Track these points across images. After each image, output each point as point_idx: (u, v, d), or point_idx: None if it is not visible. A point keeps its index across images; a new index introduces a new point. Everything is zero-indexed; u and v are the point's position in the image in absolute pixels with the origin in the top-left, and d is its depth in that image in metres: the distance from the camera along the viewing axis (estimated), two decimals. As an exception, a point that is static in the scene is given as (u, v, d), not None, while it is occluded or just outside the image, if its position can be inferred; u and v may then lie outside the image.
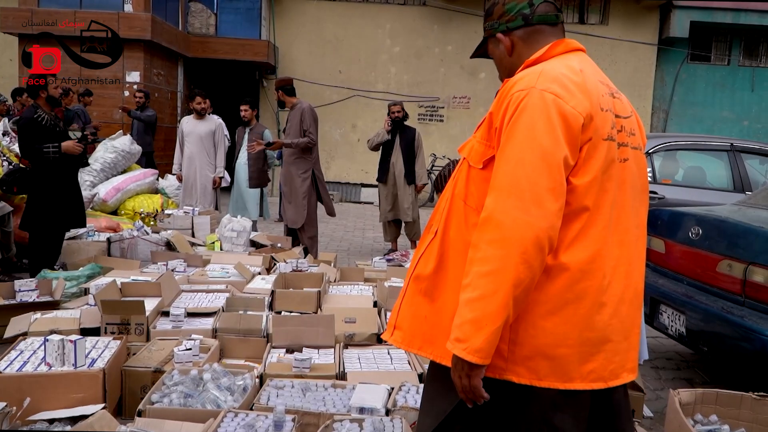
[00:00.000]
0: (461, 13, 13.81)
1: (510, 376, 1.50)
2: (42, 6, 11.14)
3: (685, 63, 14.31)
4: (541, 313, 1.47)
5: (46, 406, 2.72)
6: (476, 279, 1.42)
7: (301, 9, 14.11)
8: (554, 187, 1.41)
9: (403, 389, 2.95)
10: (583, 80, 1.51)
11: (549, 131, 1.42)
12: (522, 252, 1.38)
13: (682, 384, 3.93)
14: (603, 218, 1.49)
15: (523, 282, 1.40)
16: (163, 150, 11.29)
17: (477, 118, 14.01)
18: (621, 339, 1.54)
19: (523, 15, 1.64)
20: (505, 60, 1.70)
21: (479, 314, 1.40)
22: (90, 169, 7.24)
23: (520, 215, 1.39)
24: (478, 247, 1.44)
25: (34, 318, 3.73)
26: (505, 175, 1.43)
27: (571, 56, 1.60)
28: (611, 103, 1.56)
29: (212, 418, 2.57)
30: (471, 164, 1.58)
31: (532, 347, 1.48)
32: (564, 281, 1.47)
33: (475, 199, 1.55)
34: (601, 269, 1.49)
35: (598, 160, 1.48)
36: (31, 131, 4.99)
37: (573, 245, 1.47)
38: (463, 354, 1.41)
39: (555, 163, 1.42)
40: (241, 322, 3.73)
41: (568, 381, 1.49)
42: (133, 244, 5.83)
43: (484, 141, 1.56)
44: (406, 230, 7.58)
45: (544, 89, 1.46)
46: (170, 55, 12.35)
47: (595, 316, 1.49)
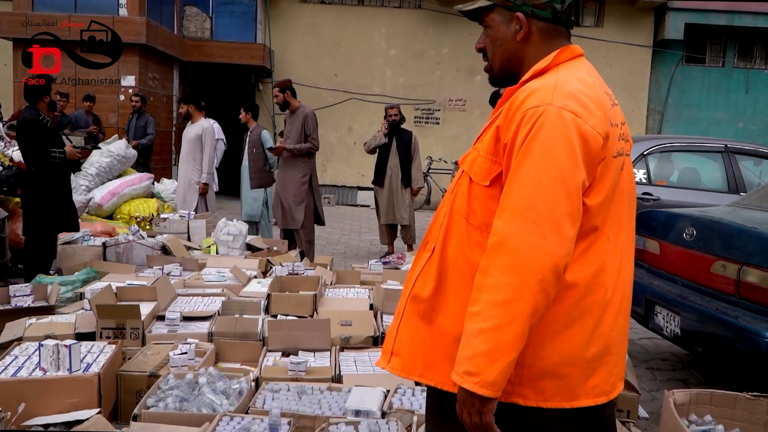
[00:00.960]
0: (457, 16, 13.83)
1: (516, 399, 1.43)
2: (36, 10, 11.14)
3: (680, 65, 14.36)
4: (549, 333, 1.41)
5: (42, 411, 2.71)
6: (488, 308, 1.33)
7: (296, 12, 14.12)
8: (572, 212, 1.35)
9: (399, 392, 2.96)
10: (597, 95, 1.43)
11: (569, 153, 1.34)
12: (540, 280, 1.31)
13: (677, 384, 3.94)
14: (606, 232, 1.45)
15: (539, 311, 1.33)
16: (158, 154, 11.28)
17: (473, 121, 14.06)
18: (619, 350, 1.52)
19: (554, 9, 1.50)
20: (510, 43, 1.54)
21: (493, 345, 1.31)
22: (85, 173, 7.24)
23: (538, 241, 1.31)
24: (488, 273, 1.35)
25: (29, 323, 3.72)
26: (521, 198, 1.34)
27: (578, 65, 1.51)
28: (615, 113, 1.49)
29: (208, 422, 2.57)
30: (474, 180, 1.48)
31: (540, 368, 1.42)
32: (571, 299, 1.41)
33: (478, 217, 1.46)
34: (604, 283, 1.45)
35: (609, 179, 1.43)
36: (38, 134, 5.03)
37: (578, 262, 1.41)
38: (476, 388, 1.32)
39: (574, 187, 1.35)
40: (237, 326, 3.73)
41: (574, 399, 1.44)
42: (129, 248, 5.82)
43: (490, 156, 1.46)
44: (402, 233, 7.59)
45: (561, 107, 1.37)
46: (165, 59, 12.35)
47: (598, 330, 1.45)
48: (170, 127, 12.61)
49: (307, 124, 6.19)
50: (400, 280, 5.28)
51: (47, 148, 5.01)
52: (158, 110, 11.87)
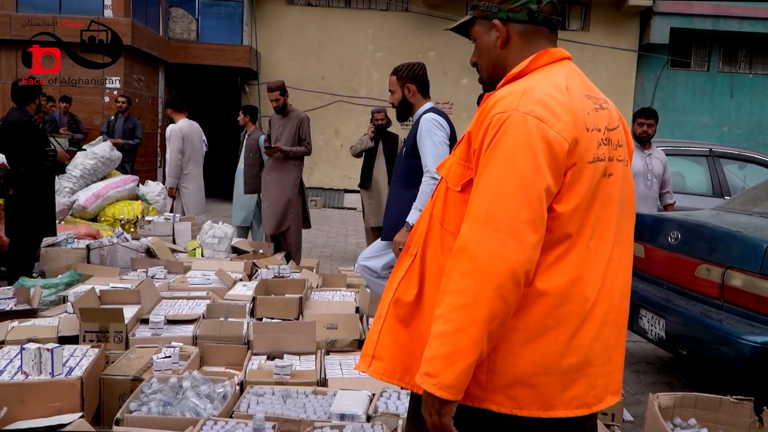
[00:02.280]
0: (443, 18, 13.88)
1: (489, 405, 1.42)
2: (21, 11, 11.03)
3: (665, 69, 14.50)
4: (520, 341, 1.40)
5: (24, 415, 2.67)
6: (449, 311, 1.34)
7: (283, 14, 14.09)
8: (534, 219, 1.33)
9: (384, 395, 2.95)
10: (569, 100, 1.41)
11: (530, 159, 1.33)
12: (498, 286, 1.31)
13: (661, 388, 3.96)
14: (584, 240, 1.42)
15: (498, 317, 1.32)
16: (143, 156, 11.20)
17: (460, 124, 13.98)
18: (603, 362, 1.47)
19: (529, 10, 1.50)
20: (492, 51, 1.55)
21: (451, 348, 1.32)
22: (69, 175, 7.17)
23: (496, 247, 1.31)
24: (451, 277, 1.36)
25: (11, 326, 3.67)
26: (482, 204, 1.34)
27: (556, 69, 1.48)
28: (597, 118, 1.46)
29: (191, 426, 2.54)
30: (448, 185, 1.49)
31: (511, 376, 1.40)
32: (543, 307, 1.39)
33: (452, 222, 1.47)
34: (582, 293, 1.42)
35: (584, 185, 1.40)
36: (32, 135, 5.01)
37: (550, 270, 1.39)
38: (434, 390, 1.34)
39: (536, 194, 1.33)
40: (222, 329, 3.70)
41: (550, 409, 1.41)
42: (113, 251, 5.76)
43: (463, 162, 1.47)
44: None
45: (527, 112, 1.36)
46: (151, 60, 12.27)
47: (576, 341, 1.42)
48: (155, 128, 12.53)
49: (303, 128, 6.17)
50: (386, 283, 5.27)
51: (41, 149, 4.99)
52: (143, 112, 11.79)
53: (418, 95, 3.74)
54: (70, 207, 6.67)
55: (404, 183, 3.71)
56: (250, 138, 7.01)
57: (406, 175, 3.69)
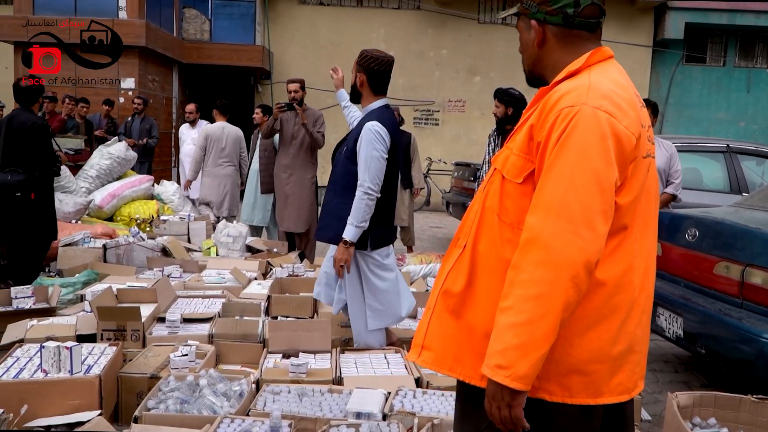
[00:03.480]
0: (455, 16, 13.84)
1: (542, 395, 1.45)
2: (37, 13, 11.13)
3: (681, 65, 14.37)
4: (578, 329, 1.44)
5: (43, 412, 2.71)
6: (521, 302, 1.36)
7: (295, 14, 14.12)
8: (605, 209, 1.38)
9: (400, 394, 2.94)
10: (630, 96, 1.47)
11: (603, 152, 1.38)
12: (573, 276, 1.34)
13: (680, 387, 3.92)
14: (635, 232, 1.48)
15: (571, 306, 1.37)
16: (158, 156, 11.26)
17: (472, 122, 14.06)
18: (642, 348, 1.54)
19: (565, 14, 1.53)
20: (530, 48, 1.60)
21: (525, 339, 1.34)
22: (86, 175, 7.22)
23: (571, 238, 1.35)
24: (521, 268, 1.38)
25: (31, 325, 3.71)
26: (555, 196, 1.37)
27: (609, 67, 1.54)
28: (644, 115, 1.52)
29: (209, 424, 2.56)
30: (507, 177, 1.51)
31: (568, 364, 1.44)
32: (600, 297, 1.44)
33: (510, 214, 1.49)
34: (632, 282, 1.47)
35: (639, 179, 1.46)
36: (47, 137, 5.08)
37: (608, 260, 1.44)
38: (507, 381, 1.35)
39: (607, 186, 1.38)
40: (238, 328, 3.72)
41: (599, 396, 1.46)
42: (129, 250, 5.81)
43: (523, 154, 1.49)
44: (401, 235, 7.56)
45: (596, 107, 1.40)
46: (165, 61, 12.35)
47: (624, 328, 1.47)
48: (169, 129, 12.60)
49: (319, 123, 6.22)
50: (400, 282, 5.27)
51: (53, 152, 5.04)
52: (158, 112, 11.87)
53: (366, 88, 3.56)
54: (86, 207, 6.71)
55: (339, 185, 3.54)
56: (265, 139, 6.99)
57: (342, 176, 3.51)
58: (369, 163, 3.34)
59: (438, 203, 12.45)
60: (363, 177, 3.34)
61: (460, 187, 9.12)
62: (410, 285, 5.26)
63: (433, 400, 2.92)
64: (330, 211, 3.54)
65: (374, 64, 3.53)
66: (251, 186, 7.04)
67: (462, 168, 9.25)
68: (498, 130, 5.36)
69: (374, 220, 3.42)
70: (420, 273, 5.95)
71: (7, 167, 4.92)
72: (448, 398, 2.95)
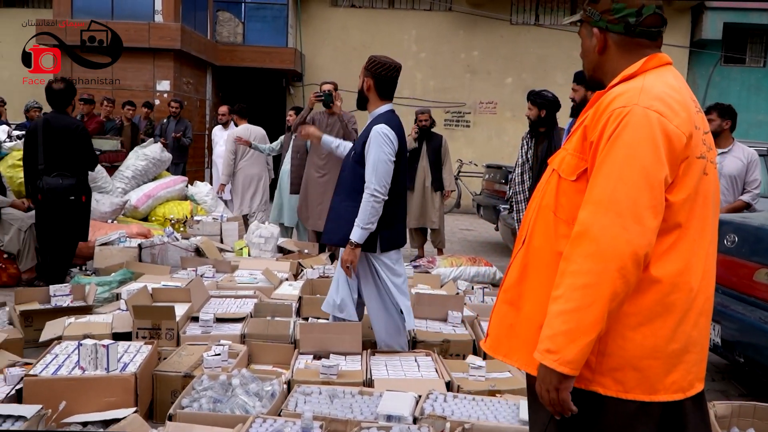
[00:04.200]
0: (487, 18, 13.77)
1: (596, 388, 1.51)
2: (75, 17, 11.38)
3: (719, 65, 14.06)
4: (631, 324, 1.49)
5: (80, 409, 2.77)
6: (570, 291, 1.43)
7: (327, 16, 14.21)
8: (654, 205, 1.43)
9: (431, 397, 2.94)
10: (683, 99, 1.52)
11: (652, 149, 1.43)
12: (620, 267, 1.40)
13: (717, 396, 3.83)
14: (692, 233, 1.52)
15: (618, 296, 1.42)
16: (192, 157, 11.43)
17: (504, 123, 13.97)
18: (698, 350, 1.56)
19: (627, 23, 1.59)
20: (591, 54, 1.67)
21: (573, 326, 1.42)
22: (122, 176, 7.37)
23: (619, 231, 1.41)
24: (571, 259, 1.45)
25: (68, 322, 3.81)
26: (604, 191, 1.44)
27: (665, 72, 1.59)
28: (699, 118, 1.57)
29: (241, 423, 2.59)
30: (562, 176, 1.59)
31: (620, 358, 1.49)
32: (655, 294, 1.48)
33: (565, 210, 1.57)
34: (689, 282, 1.51)
35: (693, 178, 1.50)
36: (90, 139, 5.20)
37: (663, 258, 1.48)
38: (554, 365, 1.43)
39: (656, 182, 1.43)
40: (269, 328, 3.76)
41: (653, 393, 1.50)
42: (164, 250, 5.92)
43: (577, 153, 1.57)
44: (431, 237, 7.56)
45: (647, 107, 1.46)
46: (199, 63, 12.53)
47: (680, 328, 1.51)
48: (203, 130, 12.78)
49: (349, 127, 6.20)
50: (430, 284, 5.26)
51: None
52: (192, 114, 12.04)
53: (374, 93, 3.59)
54: (122, 207, 6.86)
55: (347, 188, 3.54)
56: (298, 139, 7.04)
57: (350, 181, 3.52)
58: (377, 165, 3.37)
59: (468, 205, 12.40)
60: (370, 179, 3.37)
61: (491, 190, 9.06)
62: (440, 287, 5.25)
63: (464, 404, 2.90)
64: (338, 214, 3.56)
65: (382, 70, 3.57)
66: (281, 187, 7.12)
67: (493, 170, 9.19)
68: (531, 132, 5.32)
69: (382, 223, 3.44)
70: (450, 276, 5.94)
71: (53, 171, 4.97)
72: (479, 402, 2.93)
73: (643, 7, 1.58)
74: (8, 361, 3.23)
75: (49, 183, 4.95)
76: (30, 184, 5.20)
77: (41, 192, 4.96)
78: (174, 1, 11.31)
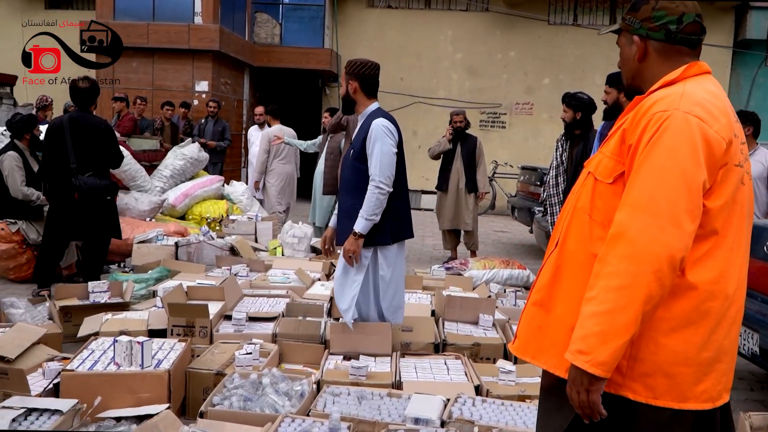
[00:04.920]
0: (524, 18, 13.64)
1: (626, 393, 1.50)
2: (117, 19, 11.66)
3: (763, 66, 13.65)
4: (664, 330, 1.48)
5: (114, 404, 2.84)
6: (604, 293, 1.43)
7: (363, 17, 14.26)
8: (692, 209, 1.43)
9: (459, 401, 2.93)
10: (723, 105, 1.53)
11: (691, 154, 1.44)
12: (656, 270, 1.40)
13: (754, 406, 3.73)
14: (728, 241, 1.51)
15: (653, 299, 1.41)
16: (229, 157, 11.60)
17: (540, 124, 13.82)
18: (729, 359, 1.56)
19: (668, 30, 1.60)
20: (631, 62, 1.68)
21: (606, 328, 1.41)
22: (160, 175, 7.52)
23: (656, 233, 1.41)
24: (607, 261, 1.45)
25: (105, 318, 3.91)
26: (642, 193, 1.44)
27: (705, 80, 1.59)
28: (738, 128, 1.57)
29: (270, 422, 2.62)
30: (598, 179, 1.59)
31: (652, 364, 1.49)
32: (691, 301, 1.48)
33: (601, 213, 1.57)
34: (725, 291, 1.50)
35: (730, 186, 1.50)
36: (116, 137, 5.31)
37: (700, 264, 1.48)
38: (586, 366, 1.42)
39: (695, 186, 1.43)
40: (300, 328, 3.79)
41: (683, 401, 1.49)
42: (199, 248, 6.02)
43: (615, 156, 1.57)
44: (465, 239, 7.52)
45: (688, 111, 1.47)
46: (237, 64, 12.71)
47: (714, 336, 1.50)
48: (240, 130, 12.95)
49: None
50: (462, 287, 5.24)
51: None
52: (229, 114, 12.22)
53: (360, 94, 3.65)
54: (160, 205, 7.00)
55: (351, 187, 3.59)
56: (333, 140, 7.08)
57: (353, 180, 3.57)
58: (381, 158, 3.44)
59: (503, 207, 12.30)
60: (374, 172, 3.43)
61: (526, 192, 8.98)
62: (472, 290, 5.22)
63: (493, 409, 2.89)
64: (346, 214, 3.60)
65: (365, 69, 3.65)
66: (315, 187, 7.20)
67: (528, 172, 9.11)
68: (566, 134, 5.26)
69: (388, 216, 3.50)
70: (483, 278, 5.91)
71: (86, 170, 4.96)
72: (508, 407, 2.91)
73: (683, 15, 1.59)
74: (47, 355, 3.33)
75: (87, 182, 4.93)
76: (51, 181, 5.12)
77: (78, 191, 4.92)
78: (213, 2, 11.50)
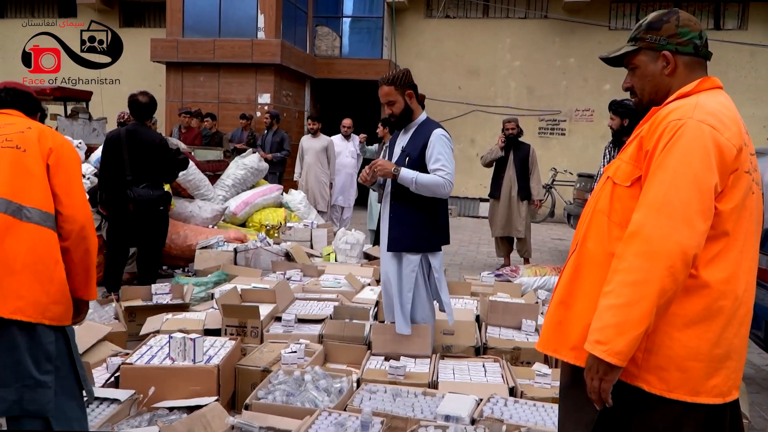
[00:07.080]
0: (583, 24, 13.47)
1: (641, 384, 1.60)
2: (186, 36, 12.26)
3: None
4: (677, 325, 1.58)
5: (168, 395, 3.06)
6: (621, 287, 1.54)
7: (421, 28, 14.43)
8: (704, 210, 1.54)
9: (491, 401, 3.01)
10: (734, 115, 1.65)
11: (704, 159, 1.55)
12: (669, 266, 1.50)
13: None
14: (738, 244, 1.61)
15: (667, 293, 1.52)
16: (288, 166, 11.98)
17: (601, 131, 13.58)
18: (738, 357, 1.64)
19: (695, 45, 1.73)
20: (658, 78, 1.77)
21: (622, 319, 1.52)
22: (222, 184, 7.87)
23: (669, 232, 1.51)
24: (623, 258, 1.56)
25: (166, 318, 4.17)
26: (658, 195, 1.55)
27: (717, 93, 1.71)
28: (747, 138, 1.68)
29: (309, 415, 2.78)
30: (617, 182, 1.71)
31: (666, 357, 1.58)
32: (704, 298, 1.58)
33: (619, 214, 1.68)
34: (735, 291, 1.60)
35: (741, 190, 1.60)
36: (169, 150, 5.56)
37: (712, 264, 1.58)
38: (603, 355, 1.53)
39: (706, 189, 1.54)
40: (345, 330, 3.95)
41: (695, 395, 1.58)
42: (257, 254, 6.28)
43: (632, 162, 1.69)
44: (517, 246, 7.53)
45: (701, 120, 1.58)
46: (298, 77, 13.10)
47: (724, 334, 1.59)
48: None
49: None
50: (510, 293, 5.27)
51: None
52: (291, 125, 12.60)
53: (415, 102, 3.68)
54: (222, 213, 7.33)
55: (403, 194, 3.58)
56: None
57: (405, 187, 3.55)
58: (450, 160, 3.58)
59: (562, 215, 12.16)
60: (446, 166, 3.53)
61: (582, 199, 8.88)
62: (521, 297, 5.25)
63: (524, 410, 2.96)
64: (401, 220, 3.65)
65: (410, 79, 3.69)
66: (371, 194, 7.44)
67: (584, 179, 9.02)
68: (614, 142, 5.24)
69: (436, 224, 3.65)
70: (533, 285, 5.91)
71: (141, 182, 5.12)
72: (539, 409, 2.97)
73: (701, 31, 1.75)
74: (111, 351, 3.62)
75: (141, 194, 5.07)
76: (108, 192, 5.21)
77: (133, 202, 5.06)
78: (275, 18, 11.93)
